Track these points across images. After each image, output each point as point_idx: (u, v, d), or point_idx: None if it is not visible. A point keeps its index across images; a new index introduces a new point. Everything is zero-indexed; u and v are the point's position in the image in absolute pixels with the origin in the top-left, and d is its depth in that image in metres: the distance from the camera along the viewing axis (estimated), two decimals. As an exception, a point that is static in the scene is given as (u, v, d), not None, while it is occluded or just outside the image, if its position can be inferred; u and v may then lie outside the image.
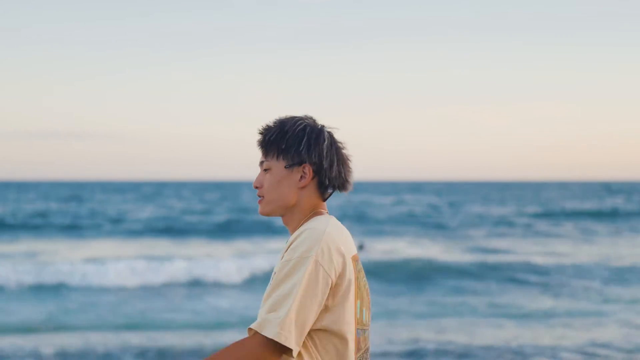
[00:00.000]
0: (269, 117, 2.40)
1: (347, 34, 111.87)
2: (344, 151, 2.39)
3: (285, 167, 2.34)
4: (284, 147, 2.33)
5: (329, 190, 2.39)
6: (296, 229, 2.36)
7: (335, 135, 2.41)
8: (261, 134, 2.39)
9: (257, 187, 2.40)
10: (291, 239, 2.29)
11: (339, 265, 2.24)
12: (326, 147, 2.34)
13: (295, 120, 2.36)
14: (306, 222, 2.34)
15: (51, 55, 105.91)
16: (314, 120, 2.39)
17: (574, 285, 17.19)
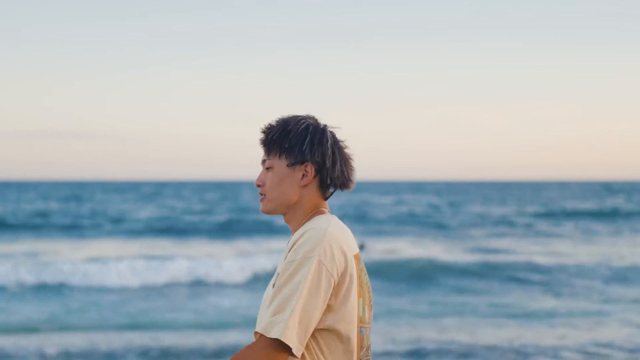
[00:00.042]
0: (269, 117, 2.42)
1: (347, 34, 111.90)
2: (346, 150, 2.41)
3: (287, 166, 2.36)
4: (286, 146, 2.35)
5: (331, 189, 2.40)
6: (298, 227, 2.38)
7: (336, 134, 2.42)
8: (264, 132, 2.40)
9: (259, 185, 2.41)
10: (293, 238, 2.30)
11: (341, 264, 2.25)
12: (329, 147, 2.35)
13: (298, 119, 2.37)
14: (308, 222, 2.35)
15: (51, 55, 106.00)
16: (316, 119, 2.40)
17: (576, 285, 17.20)
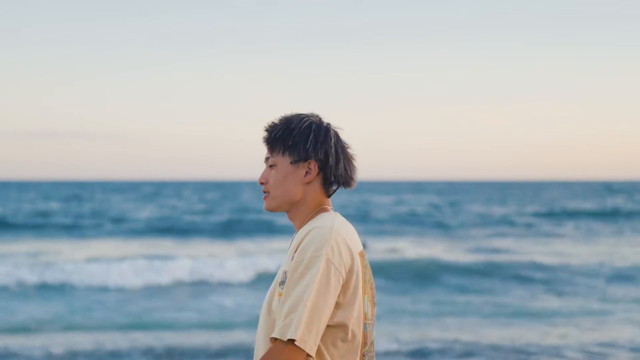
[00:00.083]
0: (269, 117, 2.44)
1: (347, 34, 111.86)
2: (348, 150, 2.43)
3: (290, 163, 2.37)
4: (290, 143, 2.37)
5: (334, 186, 2.42)
6: (302, 224, 2.39)
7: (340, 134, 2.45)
8: (267, 131, 2.42)
9: (262, 183, 2.43)
10: (298, 237, 2.32)
11: (348, 261, 2.27)
12: (333, 145, 2.37)
13: (301, 117, 2.39)
14: (312, 220, 2.36)
15: (51, 55, 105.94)
16: (319, 117, 2.42)
17: (578, 284, 17.21)
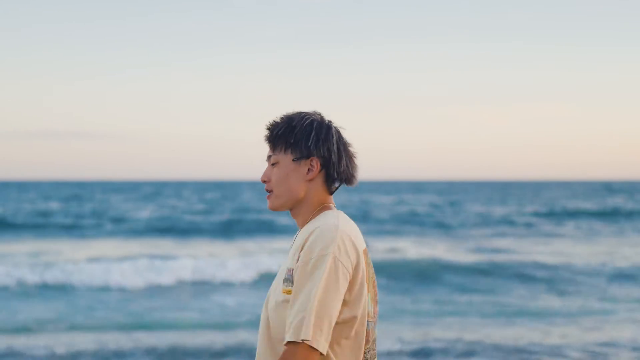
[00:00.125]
0: (269, 117, 2.44)
1: (347, 34, 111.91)
2: (350, 148, 2.44)
3: (292, 161, 2.38)
4: (292, 140, 2.37)
5: (336, 183, 2.43)
6: (305, 221, 2.40)
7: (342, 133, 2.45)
8: (268, 129, 2.42)
9: (264, 181, 2.43)
10: (302, 235, 2.32)
11: (354, 259, 2.28)
12: (335, 142, 2.38)
13: (302, 115, 2.40)
14: (315, 218, 2.37)
15: (51, 55, 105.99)
16: (321, 115, 2.43)
17: (579, 284, 17.21)
